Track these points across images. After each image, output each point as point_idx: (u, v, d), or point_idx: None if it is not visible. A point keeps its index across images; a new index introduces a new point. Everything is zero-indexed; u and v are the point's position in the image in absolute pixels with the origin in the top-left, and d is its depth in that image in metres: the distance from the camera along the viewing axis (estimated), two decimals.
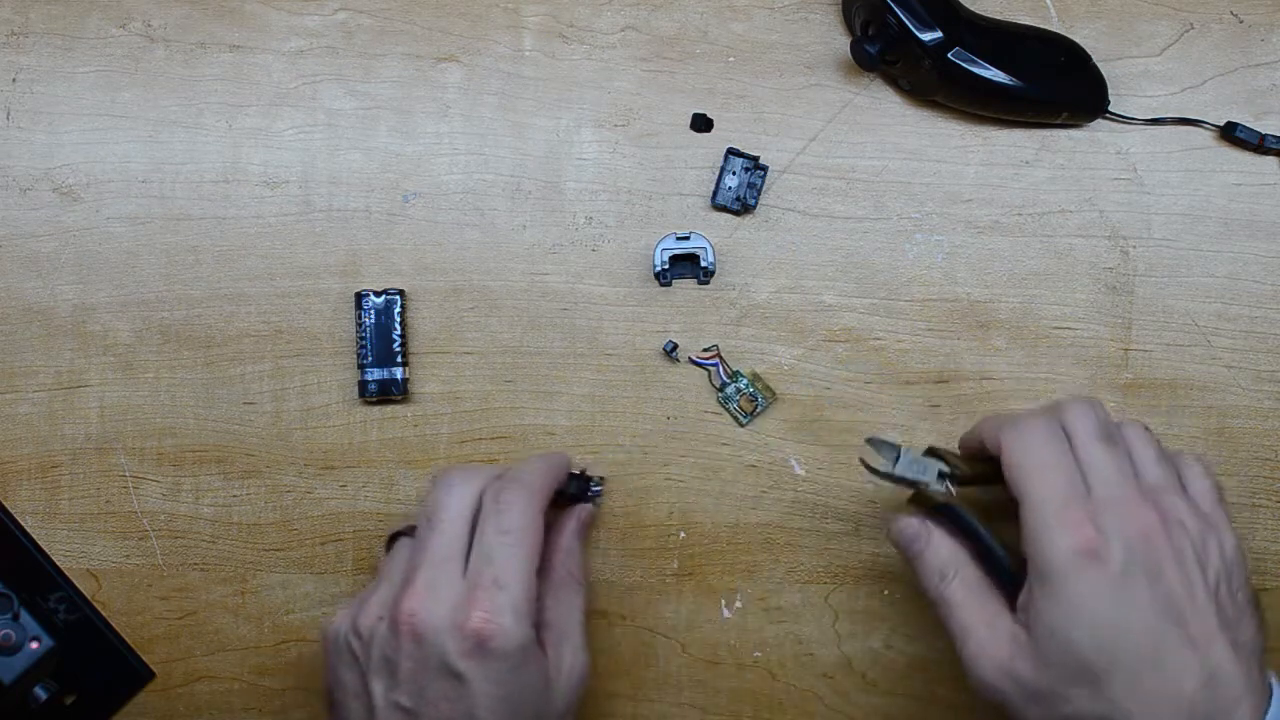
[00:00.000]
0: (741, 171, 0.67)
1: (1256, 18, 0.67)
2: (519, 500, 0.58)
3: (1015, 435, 0.56)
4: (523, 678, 0.56)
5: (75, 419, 0.68)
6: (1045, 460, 0.55)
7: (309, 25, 0.68)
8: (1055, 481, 0.55)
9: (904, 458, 0.59)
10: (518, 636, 0.55)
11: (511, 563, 0.56)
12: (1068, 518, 0.53)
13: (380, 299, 0.67)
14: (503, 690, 0.55)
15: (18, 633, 0.65)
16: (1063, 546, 0.53)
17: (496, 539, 0.57)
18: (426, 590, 0.56)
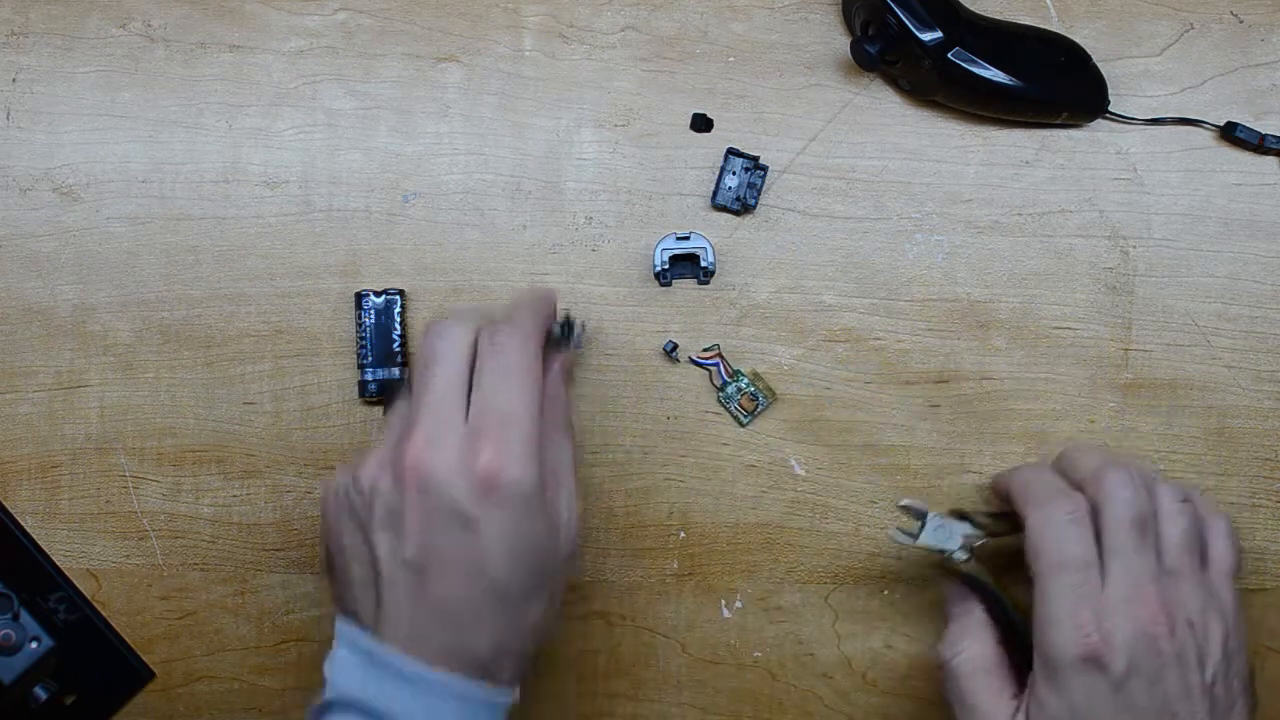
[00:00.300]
0: (741, 171, 0.67)
1: (1256, 18, 0.67)
2: (515, 339, 0.56)
3: (1041, 518, 0.57)
4: (533, 520, 0.54)
5: (75, 419, 0.68)
6: (1065, 556, 0.56)
7: (309, 25, 0.68)
8: (1070, 580, 0.56)
9: (929, 525, 0.61)
10: (530, 474, 0.53)
11: (516, 400, 0.54)
12: (1077, 621, 0.55)
13: (380, 299, 0.67)
14: (514, 534, 0.53)
15: (18, 633, 0.65)
16: (1069, 648, 0.55)
17: (498, 379, 0.55)
18: (429, 438, 0.53)
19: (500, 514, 0.53)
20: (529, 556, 0.54)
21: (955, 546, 0.61)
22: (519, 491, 0.53)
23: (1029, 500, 0.58)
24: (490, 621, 0.54)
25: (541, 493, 0.54)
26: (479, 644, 0.54)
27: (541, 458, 0.55)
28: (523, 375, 0.55)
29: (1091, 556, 0.56)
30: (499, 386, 0.55)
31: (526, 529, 0.54)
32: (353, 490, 0.55)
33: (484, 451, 0.53)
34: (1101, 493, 0.57)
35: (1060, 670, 0.55)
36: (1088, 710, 0.54)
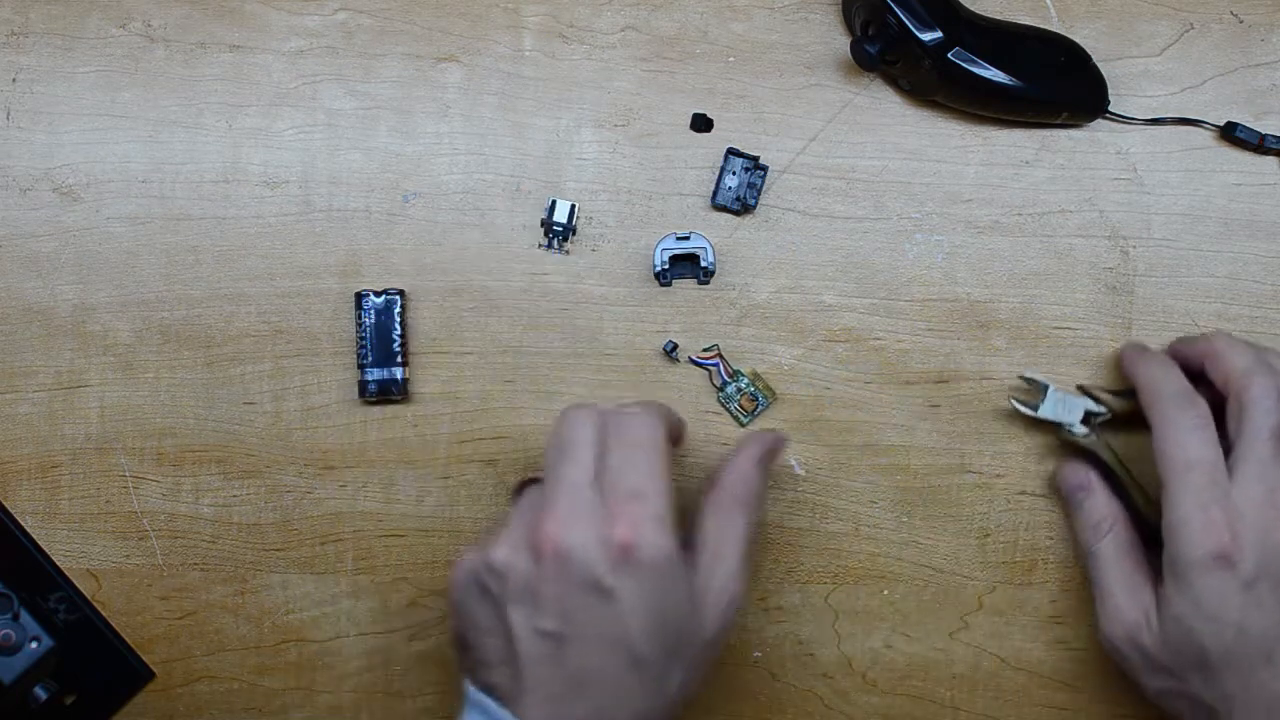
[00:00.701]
0: (741, 171, 0.67)
1: (1256, 18, 0.67)
2: (640, 416, 0.58)
3: (1165, 422, 0.58)
4: (670, 591, 0.55)
5: (75, 419, 0.68)
6: (1191, 458, 0.57)
7: (309, 25, 0.68)
8: (1198, 481, 0.57)
9: (1050, 397, 0.63)
10: (664, 546, 0.54)
11: (644, 474, 0.56)
12: (1207, 519, 0.56)
13: (380, 299, 0.67)
14: (651, 603, 0.54)
15: (18, 633, 0.65)
16: (1198, 548, 0.56)
17: (625, 454, 0.56)
18: (564, 516, 0.55)
19: (636, 583, 0.54)
20: (666, 626, 0.55)
21: (1076, 420, 0.63)
22: (654, 561, 0.54)
23: (1154, 402, 0.59)
24: (629, 692, 0.55)
25: (679, 564, 0.55)
26: (619, 715, 0.55)
27: (699, 534, 0.58)
28: (648, 447, 0.57)
29: (1219, 459, 0.57)
30: (625, 465, 0.56)
31: (663, 599, 0.55)
32: (485, 570, 0.57)
33: (619, 524, 0.54)
34: (1246, 396, 0.58)
35: (1189, 569, 0.56)
36: (1214, 609, 0.56)
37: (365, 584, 0.68)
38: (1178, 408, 0.59)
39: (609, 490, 0.56)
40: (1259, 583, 0.56)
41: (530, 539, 0.55)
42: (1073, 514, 0.64)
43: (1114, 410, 0.63)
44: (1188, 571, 0.56)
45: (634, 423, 0.57)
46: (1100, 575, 0.62)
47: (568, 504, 0.55)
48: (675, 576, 0.55)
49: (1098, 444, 0.63)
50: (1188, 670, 0.57)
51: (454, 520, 0.67)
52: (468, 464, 0.67)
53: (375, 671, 0.68)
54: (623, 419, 0.58)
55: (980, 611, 0.67)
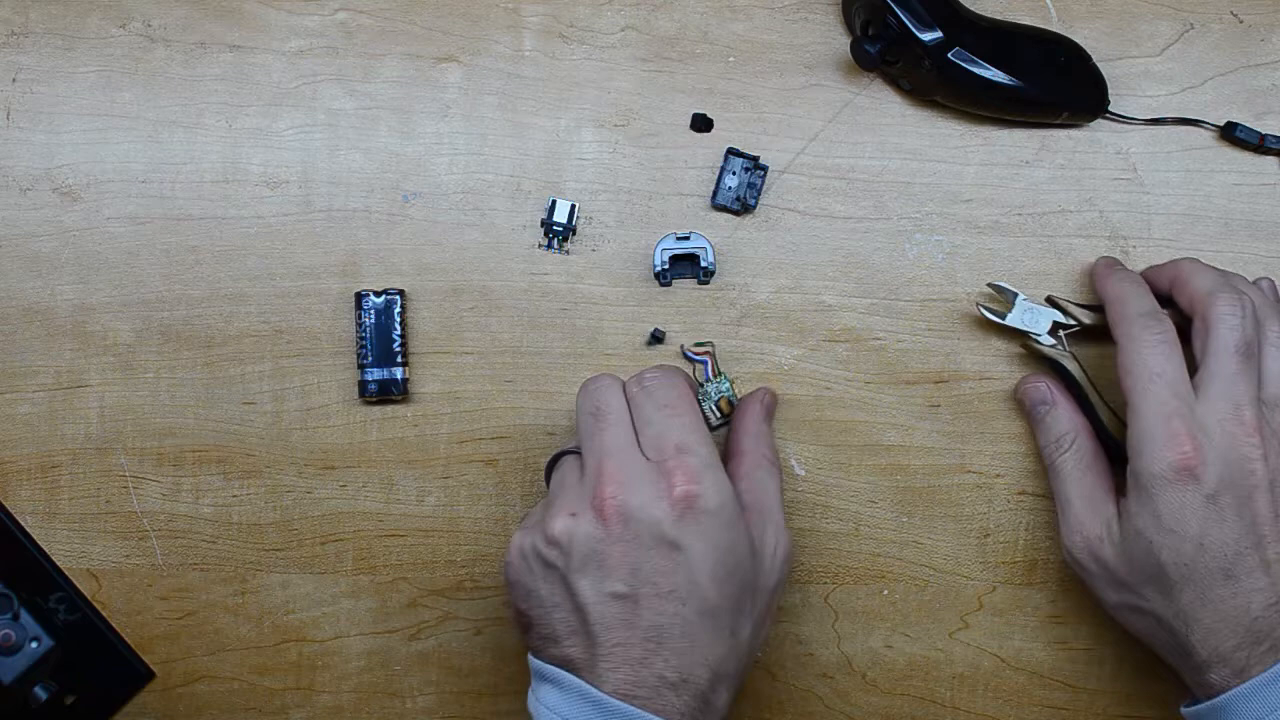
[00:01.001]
0: (741, 171, 0.67)
1: (1256, 18, 0.67)
2: (663, 377, 0.59)
3: (1129, 336, 0.58)
4: (734, 536, 0.56)
5: (75, 419, 0.68)
6: (1155, 370, 0.57)
7: (309, 25, 0.68)
8: (1162, 394, 0.56)
9: (1018, 306, 0.64)
10: (723, 491, 0.56)
11: (686, 428, 0.57)
12: (1171, 432, 0.56)
13: (380, 299, 0.67)
14: (719, 550, 0.56)
15: (18, 633, 0.65)
16: (1161, 460, 0.56)
17: (660, 414, 0.58)
18: (621, 475, 0.56)
19: (701, 532, 0.55)
20: (734, 574, 0.56)
21: (1044, 330, 0.64)
22: (716, 508, 0.56)
23: (1120, 317, 0.59)
24: (704, 643, 0.55)
25: (738, 510, 0.57)
26: (697, 669, 0.55)
27: (740, 497, 0.59)
28: (680, 404, 0.58)
29: (1183, 374, 0.57)
30: (665, 424, 0.58)
31: (728, 546, 0.56)
32: (544, 544, 0.57)
33: (675, 477, 0.56)
34: (1211, 314, 0.58)
35: (1151, 481, 0.56)
36: (1175, 522, 0.55)
37: (365, 584, 0.68)
38: (1143, 324, 0.58)
39: (654, 449, 0.57)
40: (1220, 496, 0.55)
41: (591, 505, 0.56)
42: (1035, 428, 0.64)
43: (1082, 323, 0.64)
44: (1150, 484, 0.56)
45: (661, 384, 0.59)
46: (1062, 488, 0.62)
47: (618, 467, 0.56)
48: (737, 522, 0.57)
49: (1064, 355, 0.64)
50: (1146, 584, 0.57)
51: (454, 520, 0.67)
52: (468, 464, 0.67)
53: (375, 671, 0.68)
54: (648, 383, 0.59)
55: (980, 611, 0.67)
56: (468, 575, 0.68)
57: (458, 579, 0.68)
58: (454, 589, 0.68)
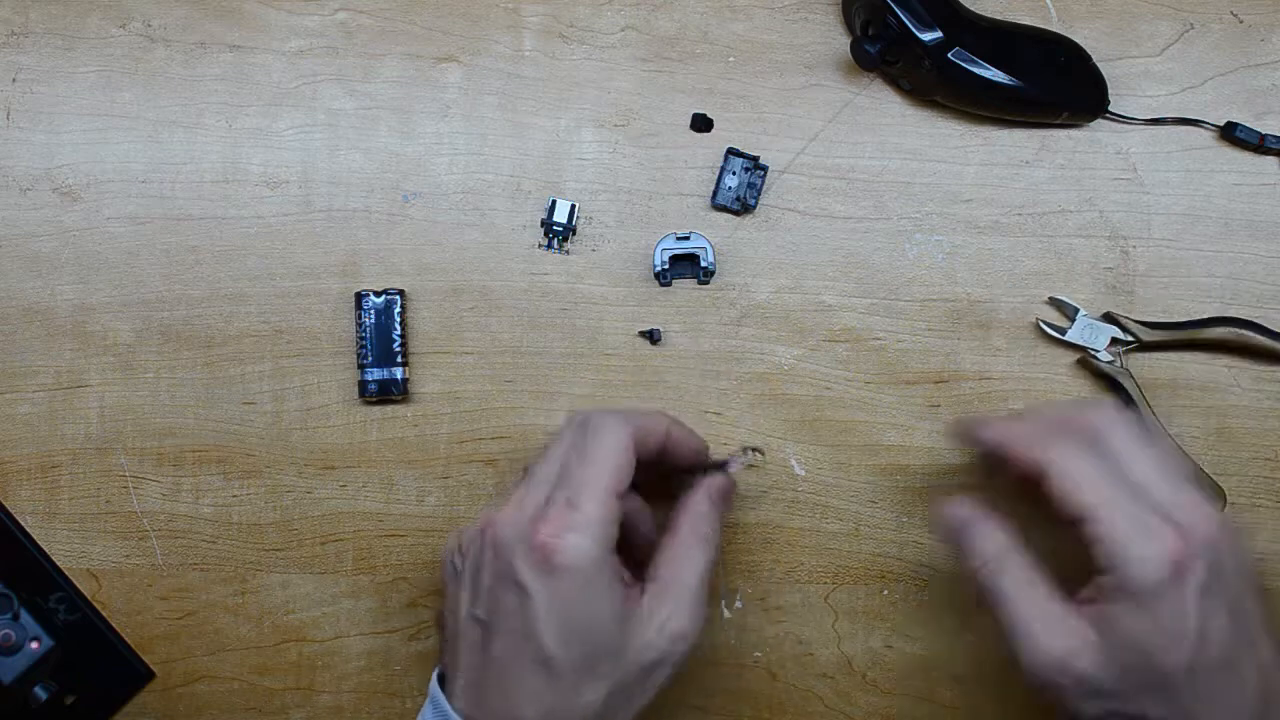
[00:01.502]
0: (741, 171, 0.67)
1: (1256, 18, 0.67)
2: (607, 426, 0.57)
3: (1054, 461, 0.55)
4: (588, 602, 0.55)
5: (75, 419, 0.68)
6: (1102, 473, 0.54)
7: (309, 25, 0.68)
8: (1120, 498, 0.54)
9: (1079, 321, 0.65)
10: (582, 556, 0.54)
11: (586, 485, 0.56)
12: (1151, 525, 0.53)
13: (380, 299, 0.67)
14: (563, 610, 0.54)
15: (18, 633, 0.65)
16: (1154, 558, 0.52)
17: (576, 458, 0.57)
18: (517, 503, 0.56)
19: (551, 585, 0.54)
20: (580, 635, 0.55)
21: (1102, 346, 0.65)
22: (569, 567, 0.54)
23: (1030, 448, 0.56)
24: (538, 693, 0.55)
25: (600, 576, 0.55)
26: (527, 713, 0.55)
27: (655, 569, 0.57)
28: (601, 460, 0.56)
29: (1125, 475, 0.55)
30: (575, 472, 0.56)
31: (577, 609, 0.55)
32: (455, 551, 0.59)
33: (544, 525, 0.55)
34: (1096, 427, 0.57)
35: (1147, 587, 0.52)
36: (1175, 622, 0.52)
37: (365, 584, 0.68)
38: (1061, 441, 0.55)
39: (558, 487, 0.56)
40: (1211, 586, 0.52)
41: (484, 525, 0.57)
42: (960, 553, 0.58)
43: (1140, 339, 0.65)
44: (1146, 589, 0.52)
45: (599, 431, 0.57)
46: (1011, 610, 0.56)
47: (519, 498, 0.57)
48: (594, 587, 0.55)
49: (1121, 372, 0.65)
50: (1142, 693, 0.53)
51: (454, 520, 0.67)
52: (468, 464, 0.67)
53: (375, 671, 0.68)
54: (593, 426, 0.57)
55: (981, 611, 0.67)
56: None
57: None
58: None
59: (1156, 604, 0.52)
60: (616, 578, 0.56)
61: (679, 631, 0.56)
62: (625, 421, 0.58)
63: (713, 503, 0.60)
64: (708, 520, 0.60)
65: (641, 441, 0.58)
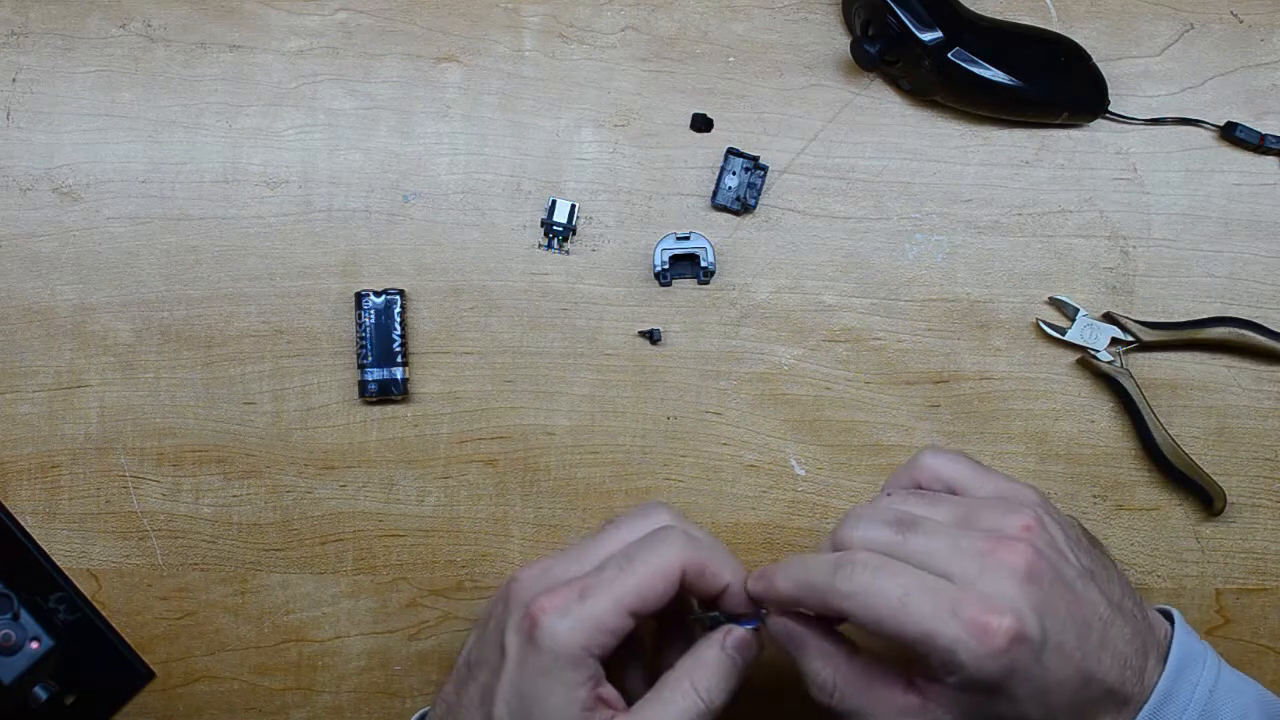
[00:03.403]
0: (741, 171, 0.67)
1: (1256, 18, 0.67)
2: (664, 545, 0.54)
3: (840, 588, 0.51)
4: (548, 691, 0.53)
5: (75, 419, 0.68)
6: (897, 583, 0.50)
7: (309, 25, 0.68)
8: (922, 598, 0.50)
9: (1079, 321, 0.65)
10: (560, 642, 0.52)
11: (605, 584, 0.53)
12: (968, 617, 0.49)
13: (380, 299, 0.67)
14: (522, 684, 0.53)
15: (18, 633, 0.65)
16: (984, 655, 0.49)
17: (617, 561, 0.54)
18: (543, 570, 0.55)
19: (522, 658, 0.53)
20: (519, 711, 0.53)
21: (1102, 346, 0.65)
22: (544, 649, 0.52)
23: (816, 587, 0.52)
24: None
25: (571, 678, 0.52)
26: None
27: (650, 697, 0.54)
28: (634, 569, 0.53)
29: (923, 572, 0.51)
30: (609, 565, 0.54)
31: (537, 692, 0.53)
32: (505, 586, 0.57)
33: (548, 599, 0.53)
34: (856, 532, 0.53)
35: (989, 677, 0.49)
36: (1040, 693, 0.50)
37: (365, 584, 0.68)
38: (850, 569, 0.51)
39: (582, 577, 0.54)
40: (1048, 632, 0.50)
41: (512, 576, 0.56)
42: (801, 670, 0.55)
43: (1140, 340, 0.65)
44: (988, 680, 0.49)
45: (657, 547, 0.54)
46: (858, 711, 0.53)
47: (551, 564, 0.56)
48: (559, 679, 0.52)
49: (1121, 372, 0.65)
50: None
51: (454, 520, 0.67)
52: (468, 464, 0.67)
53: (375, 671, 0.68)
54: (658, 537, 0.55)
55: None
56: (467, 575, 0.68)
57: (458, 579, 0.68)
58: (454, 589, 0.68)
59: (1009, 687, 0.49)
60: (587, 684, 0.53)
61: None
62: (683, 552, 0.54)
63: (725, 654, 0.55)
64: (711, 672, 0.54)
65: (695, 576, 0.54)
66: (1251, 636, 0.67)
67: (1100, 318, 0.66)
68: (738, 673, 0.55)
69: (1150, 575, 0.67)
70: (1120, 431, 0.67)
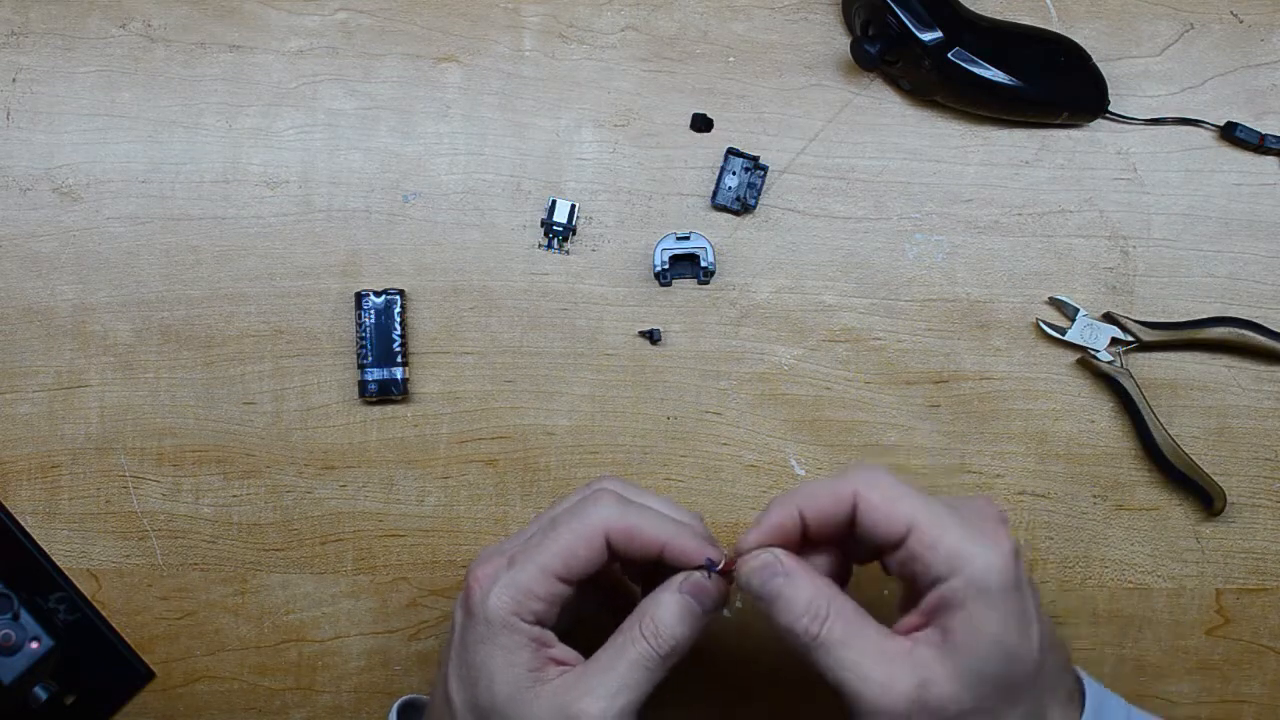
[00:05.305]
0: (741, 171, 0.67)
1: (1256, 18, 0.67)
2: (585, 511, 0.54)
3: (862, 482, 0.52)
4: (489, 656, 0.53)
5: (75, 419, 0.68)
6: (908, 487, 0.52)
7: (309, 25, 0.68)
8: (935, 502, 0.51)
9: (1079, 321, 0.65)
10: (491, 612, 0.53)
11: (530, 550, 0.54)
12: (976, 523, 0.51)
13: (380, 299, 0.67)
14: (468, 656, 0.54)
15: (18, 633, 0.65)
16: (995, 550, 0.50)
17: (544, 528, 0.55)
18: (497, 547, 0.57)
19: (464, 627, 0.55)
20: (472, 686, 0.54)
21: (1102, 346, 0.65)
22: (477, 617, 0.54)
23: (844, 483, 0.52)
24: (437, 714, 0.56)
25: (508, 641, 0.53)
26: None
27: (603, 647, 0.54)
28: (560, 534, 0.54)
29: None
30: (535, 532, 0.56)
31: (477, 657, 0.53)
32: None
33: (480, 568, 0.55)
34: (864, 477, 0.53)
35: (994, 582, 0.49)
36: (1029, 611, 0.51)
37: (365, 584, 0.68)
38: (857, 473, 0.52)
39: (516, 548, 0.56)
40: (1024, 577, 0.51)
41: None
42: (773, 608, 0.52)
43: (1140, 339, 0.65)
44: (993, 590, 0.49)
45: (578, 513, 0.55)
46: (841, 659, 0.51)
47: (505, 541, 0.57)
48: (497, 645, 0.53)
49: (1121, 372, 0.65)
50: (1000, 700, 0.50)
51: (454, 520, 0.67)
52: (468, 464, 0.67)
53: (375, 671, 0.68)
54: (582, 503, 0.55)
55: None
56: None
57: (458, 579, 0.68)
58: (454, 589, 0.68)
59: (1005, 599, 0.50)
60: (528, 647, 0.53)
61: (575, 714, 0.51)
62: (608, 516, 0.54)
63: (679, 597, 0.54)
64: (666, 617, 0.53)
65: (624, 540, 0.54)
66: (1251, 636, 0.67)
67: (1100, 318, 0.66)
68: (694, 619, 0.53)
69: (1150, 575, 0.67)
70: (1120, 431, 0.67)
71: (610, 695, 0.52)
